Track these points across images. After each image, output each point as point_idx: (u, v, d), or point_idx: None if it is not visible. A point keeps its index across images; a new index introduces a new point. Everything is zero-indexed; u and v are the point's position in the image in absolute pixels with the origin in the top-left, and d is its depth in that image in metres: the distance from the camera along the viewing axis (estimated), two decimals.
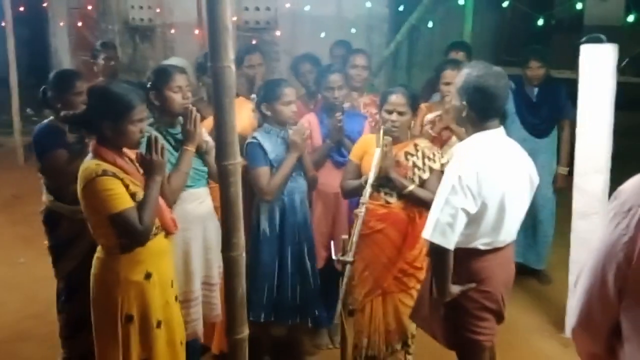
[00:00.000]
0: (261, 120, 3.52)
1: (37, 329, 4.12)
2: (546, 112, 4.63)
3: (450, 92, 3.54)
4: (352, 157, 3.42)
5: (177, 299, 2.87)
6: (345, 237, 2.92)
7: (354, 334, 3.34)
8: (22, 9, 8.44)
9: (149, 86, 3.11)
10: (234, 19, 6.57)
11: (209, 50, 2.03)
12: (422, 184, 3.20)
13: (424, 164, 3.22)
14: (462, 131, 3.23)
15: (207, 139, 3.17)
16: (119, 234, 2.57)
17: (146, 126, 2.77)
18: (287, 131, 3.42)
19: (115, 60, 4.91)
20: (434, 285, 2.61)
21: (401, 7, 6.48)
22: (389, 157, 3.12)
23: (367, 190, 3.04)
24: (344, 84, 3.80)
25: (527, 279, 4.77)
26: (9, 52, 8.03)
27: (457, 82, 2.59)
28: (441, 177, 3.20)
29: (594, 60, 3.67)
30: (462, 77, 2.56)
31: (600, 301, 1.51)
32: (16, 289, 4.69)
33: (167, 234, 2.78)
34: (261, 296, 3.43)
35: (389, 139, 3.14)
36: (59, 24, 9.67)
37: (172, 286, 2.81)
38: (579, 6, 5.32)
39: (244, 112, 3.68)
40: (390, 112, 3.22)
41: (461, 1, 5.74)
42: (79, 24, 9.03)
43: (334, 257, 2.89)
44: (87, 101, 2.71)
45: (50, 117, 3.41)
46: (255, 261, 3.42)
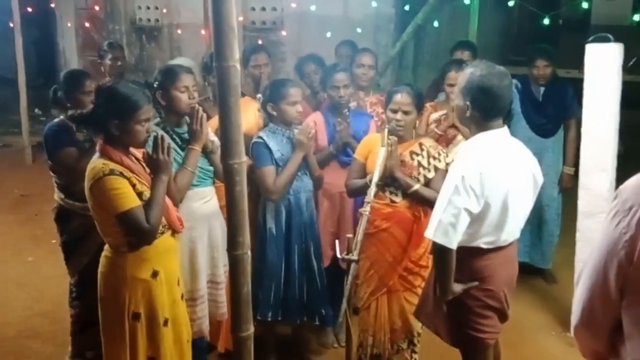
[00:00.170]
0: (267, 119, 3.54)
1: (45, 326, 4.16)
2: (552, 112, 4.63)
3: (455, 91, 3.55)
4: (357, 156, 3.43)
5: (183, 297, 2.89)
6: (350, 236, 2.93)
7: (359, 332, 3.36)
8: (30, 9, 8.49)
9: (155, 86, 3.13)
10: (240, 19, 6.60)
11: (214, 49, 2.05)
12: (427, 183, 3.21)
13: (429, 163, 3.23)
14: (467, 131, 3.23)
15: (213, 138, 3.19)
16: (126, 233, 2.59)
17: (153, 125, 2.79)
18: (293, 131, 3.44)
19: (122, 60, 4.94)
20: (437, 283, 2.62)
21: (407, 7, 6.48)
22: (394, 156, 3.13)
23: (372, 189, 3.05)
24: (350, 83, 3.81)
25: (533, 278, 4.77)
26: (17, 52, 8.07)
27: (461, 81, 2.59)
28: (445, 176, 3.22)
29: (600, 59, 3.66)
30: (465, 76, 2.56)
31: (601, 299, 1.52)
32: (24, 287, 4.72)
33: (174, 233, 2.80)
34: (268, 295, 3.45)
35: (394, 139, 3.15)
36: (67, 24, 9.74)
37: (178, 284, 2.83)
38: (586, 5, 5.31)
39: (250, 111, 3.71)
40: (395, 112, 3.23)
41: (467, 1, 5.74)
42: (87, 25, 9.08)
43: (338, 255, 2.90)
44: (94, 101, 2.73)
45: (60, 116, 3.45)
46: (261, 260, 3.44)
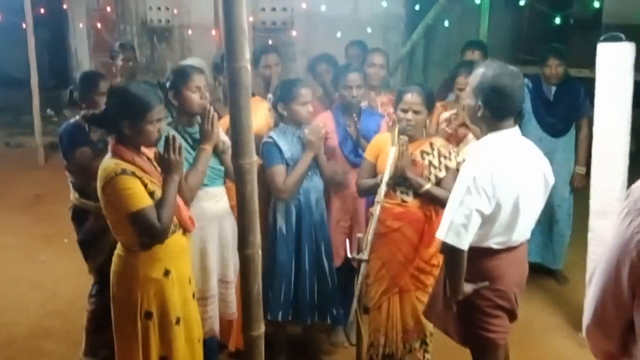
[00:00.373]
0: (277, 119, 3.55)
1: (58, 326, 4.19)
2: (563, 111, 4.60)
3: (464, 96, 3.54)
4: (367, 156, 3.43)
5: (194, 296, 2.90)
6: (360, 235, 2.93)
7: (370, 332, 3.36)
8: (42, 10, 8.56)
9: (167, 86, 3.15)
10: (250, 19, 6.62)
11: (225, 50, 2.06)
12: (438, 183, 3.20)
13: (440, 163, 3.22)
14: (478, 130, 3.23)
15: (224, 138, 3.21)
16: (138, 232, 2.61)
17: (164, 125, 2.81)
18: (303, 130, 3.44)
19: (133, 61, 4.97)
20: (447, 284, 2.62)
21: (417, 7, 6.47)
22: (405, 156, 3.13)
23: (382, 189, 3.05)
24: (363, 84, 3.81)
25: (544, 279, 4.75)
26: (30, 54, 8.14)
27: (472, 81, 2.57)
28: (457, 176, 3.21)
29: (612, 58, 3.64)
30: (477, 76, 2.54)
31: (613, 299, 1.51)
32: (37, 287, 4.76)
33: (185, 232, 2.81)
34: (278, 295, 3.45)
35: (405, 138, 3.15)
36: (79, 25, 9.82)
37: (190, 283, 2.84)
38: (597, 4, 5.27)
39: (260, 111, 3.72)
40: (405, 111, 3.23)
41: (477, 0, 5.72)
42: (98, 26, 9.15)
43: (349, 255, 2.90)
44: (106, 101, 2.76)
45: (75, 117, 3.50)
46: (272, 260, 3.45)
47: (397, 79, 6.37)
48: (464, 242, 2.45)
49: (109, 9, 9.09)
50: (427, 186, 3.16)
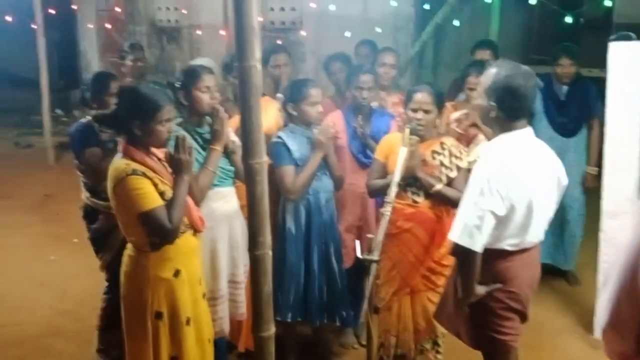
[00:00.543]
0: (287, 120, 3.54)
1: (68, 325, 4.20)
2: (575, 111, 4.57)
3: (475, 96, 3.51)
4: (377, 156, 3.42)
5: (205, 296, 2.90)
6: (371, 236, 2.92)
7: (381, 332, 3.34)
8: (52, 11, 8.60)
9: (177, 86, 3.15)
10: (259, 19, 6.61)
11: (236, 49, 2.05)
12: (450, 183, 3.19)
13: (451, 162, 3.21)
14: (489, 130, 3.20)
15: (233, 138, 3.20)
16: (149, 233, 2.61)
17: (174, 126, 2.81)
18: (312, 131, 3.43)
19: (143, 61, 4.99)
20: (460, 286, 2.59)
21: (427, 6, 6.45)
22: (416, 156, 3.11)
23: (393, 189, 3.03)
24: (374, 86, 3.79)
25: (555, 280, 4.71)
26: (40, 54, 8.18)
27: (485, 81, 2.54)
28: (468, 176, 3.19)
29: (623, 58, 3.61)
30: (490, 76, 2.51)
31: (629, 301, 1.50)
32: (47, 286, 4.78)
33: (195, 232, 2.81)
34: (288, 296, 3.44)
35: (416, 138, 3.13)
36: (88, 26, 9.86)
37: (200, 284, 2.84)
38: (609, 3, 5.23)
39: (270, 111, 3.71)
40: (415, 111, 3.21)
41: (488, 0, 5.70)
42: (108, 26, 9.18)
43: (359, 256, 2.89)
44: (116, 102, 2.76)
45: (86, 117, 3.52)
46: (281, 260, 3.43)
47: (406, 78, 6.36)
48: (478, 244, 2.42)
49: (118, 10, 9.12)
50: (439, 186, 3.14)
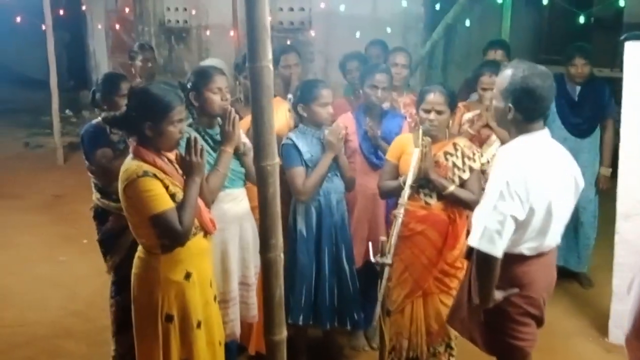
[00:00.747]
0: (297, 120, 3.51)
1: (78, 326, 4.20)
2: (589, 112, 4.52)
3: (488, 97, 3.47)
4: (389, 157, 3.38)
5: (216, 299, 2.87)
6: (384, 238, 2.88)
7: (392, 335, 3.31)
8: (61, 12, 8.62)
9: (189, 87, 3.13)
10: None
11: (248, 50, 2.03)
12: (462, 184, 3.15)
13: (464, 164, 3.17)
14: (502, 130, 3.16)
15: (244, 140, 3.18)
16: (159, 235, 2.59)
17: (185, 127, 2.78)
18: (323, 132, 3.40)
19: (152, 61, 4.97)
20: (477, 291, 2.54)
21: (437, 6, 6.41)
22: (429, 158, 3.08)
23: (406, 191, 2.99)
24: (389, 86, 3.75)
25: (568, 282, 4.66)
26: (49, 55, 8.20)
27: (501, 83, 2.48)
28: (481, 177, 3.15)
29: (638, 57, 3.57)
30: (506, 78, 2.46)
31: None
32: (58, 287, 4.78)
33: (206, 234, 2.79)
34: (299, 298, 3.41)
35: (429, 139, 3.10)
36: (97, 26, 9.88)
37: (211, 286, 2.82)
38: (622, 3, 5.16)
39: (280, 112, 3.69)
40: (428, 111, 3.18)
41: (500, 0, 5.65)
42: (117, 27, 9.19)
43: (371, 258, 2.85)
44: (127, 103, 2.74)
45: (98, 117, 3.50)
46: (292, 262, 3.41)
47: (416, 78, 6.32)
48: (498, 249, 2.37)
49: (127, 10, 9.13)
50: (452, 188, 3.11)
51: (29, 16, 8.18)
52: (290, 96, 3.59)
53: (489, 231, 2.36)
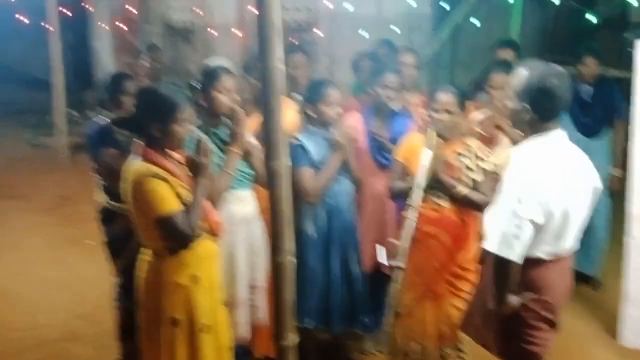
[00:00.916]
0: (305, 121, 3.47)
1: (85, 329, 4.17)
2: (599, 112, 4.47)
3: (499, 97, 3.42)
4: (398, 157, 3.34)
5: (224, 302, 2.83)
6: (395, 241, 2.84)
7: (402, 339, 3.26)
8: (66, 12, 8.62)
9: (196, 87, 3.10)
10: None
11: (259, 48, 2.00)
12: (474, 186, 3.10)
13: (477, 166, 3.12)
14: (513, 131, 3.11)
15: (252, 141, 3.14)
16: (166, 237, 2.56)
17: (193, 127, 2.76)
18: (331, 132, 3.36)
19: (159, 62, 4.95)
20: (493, 296, 2.48)
21: (443, 6, 6.38)
22: (440, 159, 3.04)
23: (418, 193, 2.95)
24: (399, 87, 3.71)
25: (579, 285, 4.60)
26: (54, 55, 8.19)
27: (517, 83, 2.43)
28: (493, 178, 3.10)
29: None
30: (522, 78, 2.40)
31: None
32: (64, 289, 4.75)
33: (214, 236, 2.75)
34: (309, 302, 3.36)
35: (440, 140, 3.05)
36: (102, 26, 9.86)
37: (219, 290, 2.78)
38: (636, 3, 5.10)
39: (288, 112, 3.64)
40: (439, 112, 3.14)
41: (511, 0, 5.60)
42: (121, 27, 9.18)
43: (384, 261, 2.81)
44: (135, 104, 2.71)
45: (97, 116, 3.48)
46: (301, 265, 3.36)
47: (423, 78, 6.28)
48: (517, 254, 2.32)
49: (132, 10, 9.11)
50: (465, 191, 3.06)
51: (33, 16, 8.18)
52: (297, 96, 3.55)
53: (507, 236, 2.30)
